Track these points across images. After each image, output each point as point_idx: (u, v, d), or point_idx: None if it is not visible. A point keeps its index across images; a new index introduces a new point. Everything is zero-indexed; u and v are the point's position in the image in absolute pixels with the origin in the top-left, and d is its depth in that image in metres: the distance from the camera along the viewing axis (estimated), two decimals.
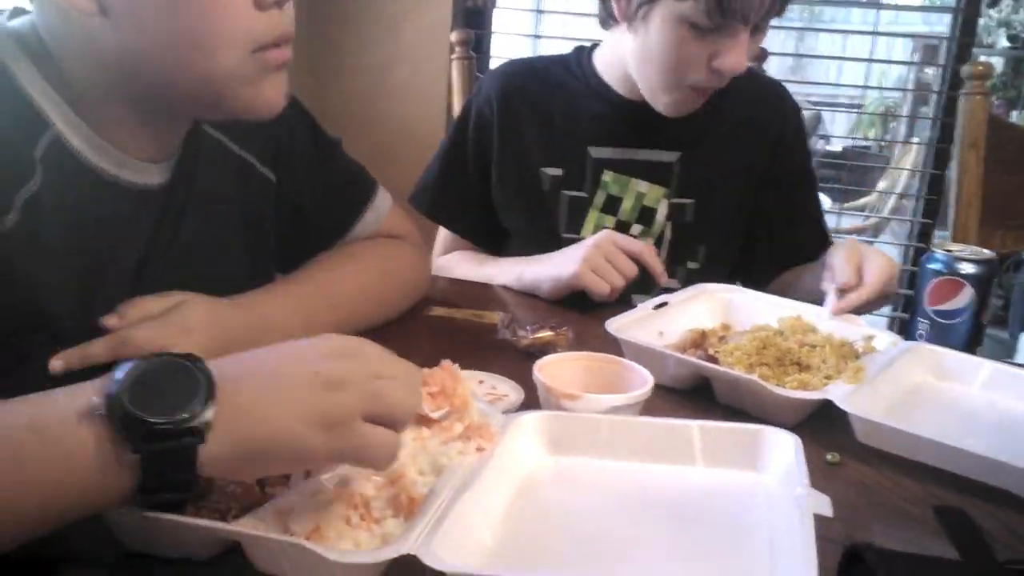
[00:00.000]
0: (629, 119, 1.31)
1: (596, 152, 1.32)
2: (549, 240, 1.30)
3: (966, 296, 1.02)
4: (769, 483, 0.67)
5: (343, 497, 0.62)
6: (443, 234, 1.44)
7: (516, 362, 0.92)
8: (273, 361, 0.60)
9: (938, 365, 0.96)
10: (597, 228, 1.31)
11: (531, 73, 1.37)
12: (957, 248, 1.06)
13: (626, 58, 1.26)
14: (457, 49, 1.66)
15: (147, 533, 0.58)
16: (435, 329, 1.08)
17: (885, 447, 0.80)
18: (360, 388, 0.57)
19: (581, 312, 1.15)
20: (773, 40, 4.69)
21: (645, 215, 1.33)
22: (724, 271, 1.33)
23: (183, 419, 0.52)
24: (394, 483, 0.63)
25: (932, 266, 1.04)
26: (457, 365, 0.71)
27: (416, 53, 2.23)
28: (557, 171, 1.33)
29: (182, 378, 0.54)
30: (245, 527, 0.57)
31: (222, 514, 0.59)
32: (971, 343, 1.03)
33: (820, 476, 0.73)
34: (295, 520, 0.59)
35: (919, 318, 1.05)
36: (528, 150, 1.33)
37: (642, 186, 1.32)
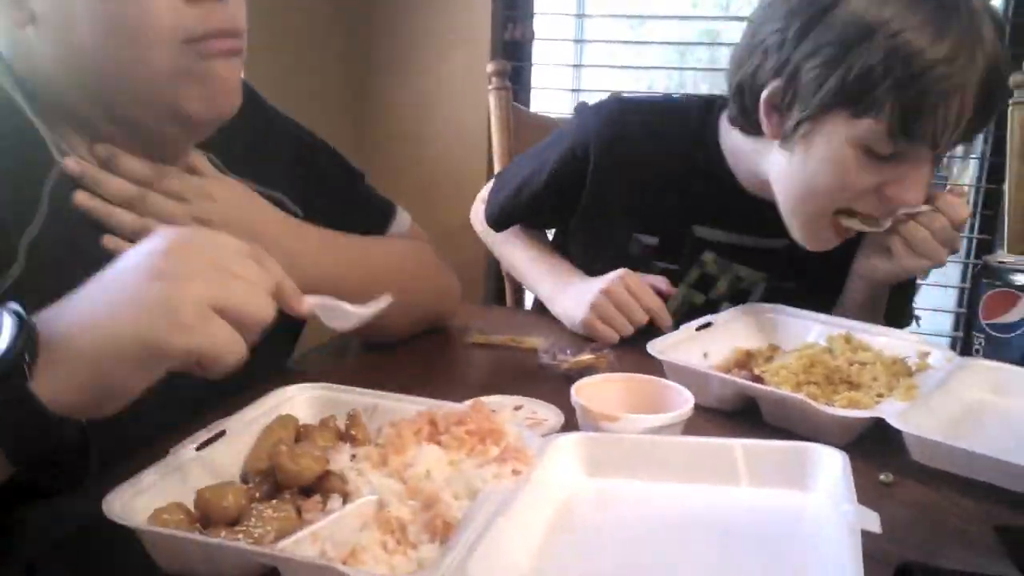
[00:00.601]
0: (742, 206, 1.17)
1: (701, 232, 1.20)
2: None
3: (1022, 309, 0.98)
4: (816, 501, 0.65)
5: (379, 521, 0.62)
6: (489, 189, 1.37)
7: (557, 386, 0.91)
8: (108, 273, 0.56)
9: (996, 381, 0.93)
10: (683, 303, 1.22)
11: (642, 124, 1.21)
12: (1012, 260, 1.02)
13: (763, 168, 1.10)
14: (494, 80, 1.67)
15: (184, 556, 0.58)
16: (475, 356, 1.08)
17: (941, 466, 0.77)
18: (208, 277, 0.54)
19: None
20: None
21: (738, 297, 1.22)
22: None
23: None
24: (430, 507, 0.62)
25: (986, 279, 1.01)
26: (486, 398, 0.70)
27: (457, 88, 2.26)
28: (652, 240, 1.22)
29: None
30: (281, 551, 0.57)
31: (258, 538, 0.59)
32: None
33: (874, 497, 0.70)
34: (331, 544, 0.59)
35: (975, 332, 1.01)
36: (622, 211, 1.22)
37: (743, 271, 1.22)
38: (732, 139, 1.16)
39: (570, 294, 1.17)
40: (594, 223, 1.24)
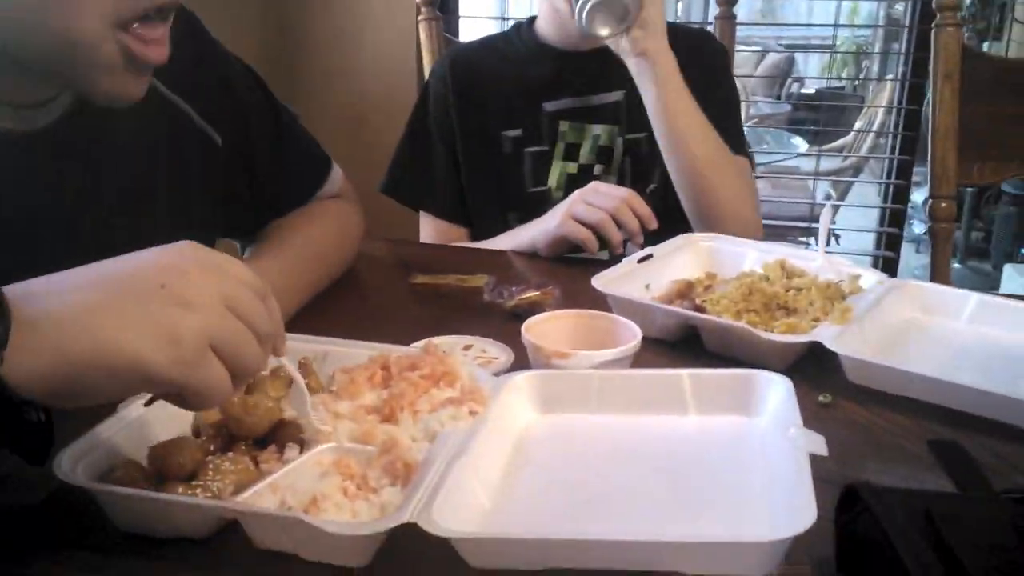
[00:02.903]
0: (574, 70, 1.38)
1: (550, 106, 1.38)
2: (517, 198, 1.37)
3: None
4: (763, 426, 0.67)
5: (339, 468, 0.62)
6: (426, 225, 1.44)
7: (504, 324, 0.92)
8: (113, 270, 0.53)
9: (924, 300, 0.97)
10: (561, 176, 1.38)
11: (478, 50, 1.48)
12: None
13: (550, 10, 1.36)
14: (423, 10, 1.63)
15: (142, 514, 0.58)
16: (421, 297, 1.07)
17: (876, 385, 0.81)
18: (213, 313, 0.53)
19: (568, 266, 1.15)
20: None
21: (603, 155, 1.39)
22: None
23: None
24: (388, 451, 0.62)
25: None
26: (436, 339, 0.69)
27: (384, 18, 2.19)
28: (517, 131, 1.38)
29: None
30: (242, 504, 0.57)
31: (217, 492, 0.58)
32: None
33: (813, 418, 0.73)
34: (292, 494, 0.59)
35: None
36: (486, 118, 1.39)
37: (597, 128, 1.38)
38: (540, 20, 1.40)
39: (539, 218, 1.25)
40: (471, 142, 1.39)
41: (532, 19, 1.45)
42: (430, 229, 1.44)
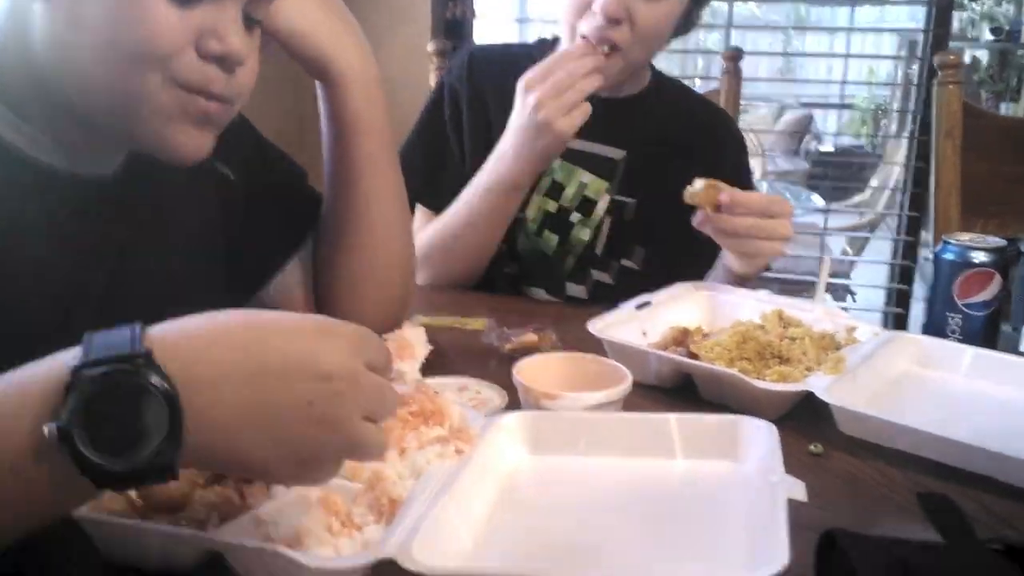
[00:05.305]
0: None
1: None
2: None
3: (996, 286, 1.01)
4: (747, 472, 0.67)
5: (324, 504, 0.62)
6: (421, 218, 1.40)
7: (501, 366, 0.93)
8: (259, 373, 0.53)
9: (919, 353, 0.97)
10: (539, 210, 1.35)
11: (498, 55, 1.43)
12: (968, 238, 1.04)
13: None
14: (435, 59, 1.67)
15: (127, 543, 0.58)
16: None
17: (868, 437, 0.80)
18: (346, 435, 0.55)
19: (566, 310, 1.16)
20: (760, 40, 4.73)
21: (585, 205, 1.36)
22: (661, 277, 1.22)
23: (146, 464, 0.49)
24: (374, 487, 0.63)
25: (954, 260, 1.02)
26: (431, 379, 0.70)
27: (397, 67, 2.23)
28: None
29: (141, 405, 0.49)
30: (225, 536, 0.57)
31: (202, 523, 0.59)
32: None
33: (804, 467, 0.73)
34: (275, 528, 0.60)
35: (948, 313, 1.03)
36: (490, 127, 1.35)
37: (586, 177, 1.36)
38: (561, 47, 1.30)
39: (516, 131, 1.21)
40: (473, 145, 1.35)
41: (556, 39, 1.37)
42: (425, 222, 1.38)
